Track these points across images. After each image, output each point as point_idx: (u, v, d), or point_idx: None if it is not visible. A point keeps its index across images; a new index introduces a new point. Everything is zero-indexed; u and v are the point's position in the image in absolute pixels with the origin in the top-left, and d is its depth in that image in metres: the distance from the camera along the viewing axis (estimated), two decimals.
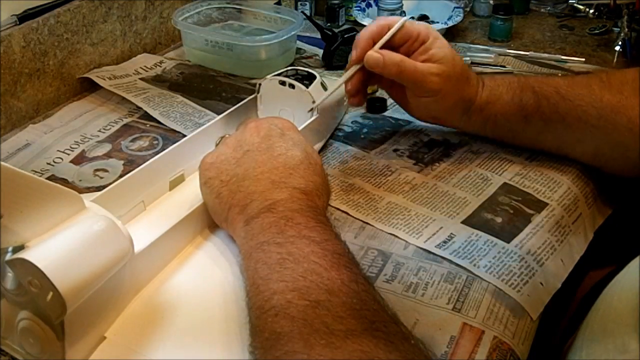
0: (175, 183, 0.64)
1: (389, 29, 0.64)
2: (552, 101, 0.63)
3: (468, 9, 1.10)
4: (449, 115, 0.67)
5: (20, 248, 0.41)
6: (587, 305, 0.54)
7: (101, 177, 0.68)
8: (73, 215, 0.45)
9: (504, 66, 0.92)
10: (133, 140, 0.75)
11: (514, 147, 0.70)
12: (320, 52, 0.93)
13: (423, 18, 1.03)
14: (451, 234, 0.58)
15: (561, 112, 0.63)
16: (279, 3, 1.05)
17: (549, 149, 0.68)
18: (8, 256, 0.41)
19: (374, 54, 0.63)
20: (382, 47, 0.63)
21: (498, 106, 0.65)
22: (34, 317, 0.43)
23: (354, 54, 0.64)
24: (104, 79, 0.84)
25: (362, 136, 0.74)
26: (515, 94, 0.65)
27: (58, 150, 0.73)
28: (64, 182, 0.67)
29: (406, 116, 0.77)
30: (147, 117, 0.78)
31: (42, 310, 0.42)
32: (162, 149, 0.67)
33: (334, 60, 0.90)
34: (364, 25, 0.97)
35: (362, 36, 0.64)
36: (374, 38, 0.64)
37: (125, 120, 0.79)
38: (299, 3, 1.07)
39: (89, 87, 0.85)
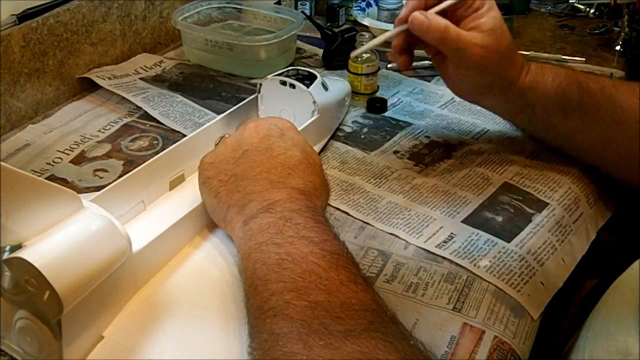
0: (175, 183, 0.64)
1: None
2: (596, 99, 0.62)
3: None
4: (487, 93, 0.64)
5: (17, 247, 0.41)
6: (588, 305, 0.53)
7: (101, 177, 0.68)
8: (71, 214, 0.45)
9: None
10: (133, 140, 0.74)
11: (518, 148, 0.70)
12: (320, 52, 0.93)
13: None
14: (451, 233, 0.58)
15: (602, 111, 0.62)
16: (279, 3, 1.05)
17: (580, 148, 0.66)
18: (5, 255, 0.41)
19: (419, 16, 0.59)
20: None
21: (539, 94, 0.63)
22: (32, 316, 0.43)
23: (402, 11, 0.62)
24: (104, 79, 0.84)
25: (362, 136, 0.74)
26: (560, 85, 0.63)
27: (58, 150, 0.73)
28: (63, 182, 0.67)
29: (406, 117, 0.77)
30: (147, 117, 0.78)
31: (39, 309, 0.42)
32: (162, 149, 0.67)
33: (334, 60, 0.90)
34: (364, 25, 0.98)
35: None
36: None
37: (125, 120, 0.78)
38: (299, 3, 1.07)
39: (88, 87, 0.85)
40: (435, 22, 0.59)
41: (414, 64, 0.91)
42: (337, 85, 0.75)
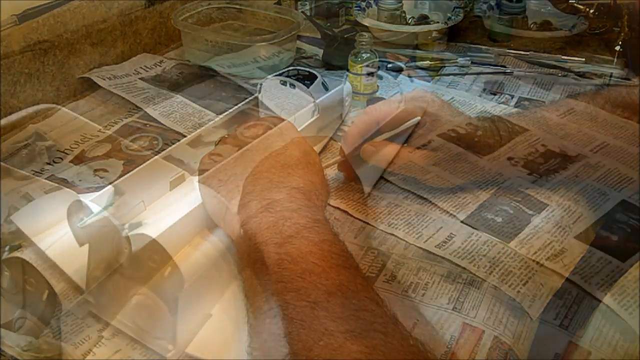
0: (175, 183, 0.63)
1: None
2: None
3: (468, 9, 1.10)
4: None
5: (17, 247, 0.41)
6: (589, 305, 0.53)
7: (101, 177, 0.68)
8: (71, 214, 0.45)
9: (504, 66, 0.92)
10: (133, 140, 0.74)
11: None
12: (320, 52, 0.93)
13: (423, 18, 1.03)
14: (451, 233, 0.58)
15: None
16: (279, 3, 1.05)
17: None
18: (5, 255, 0.41)
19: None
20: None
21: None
22: (31, 316, 0.43)
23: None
24: (104, 79, 0.84)
25: None
26: None
27: (58, 150, 0.73)
28: (63, 181, 0.67)
29: None
30: (147, 117, 0.78)
31: (38, 308, 0.42)
32: (162, 149, 0.67)
33: (333, 60, 0.90)
34: (364, 25, 0.98)
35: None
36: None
37: (125, 120, 0.78)
38: (299, 3, 1.07)
39: (89, 87, 0.85)
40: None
41: (414, 64, 0.92)
42: (337, 85, 0.75)
